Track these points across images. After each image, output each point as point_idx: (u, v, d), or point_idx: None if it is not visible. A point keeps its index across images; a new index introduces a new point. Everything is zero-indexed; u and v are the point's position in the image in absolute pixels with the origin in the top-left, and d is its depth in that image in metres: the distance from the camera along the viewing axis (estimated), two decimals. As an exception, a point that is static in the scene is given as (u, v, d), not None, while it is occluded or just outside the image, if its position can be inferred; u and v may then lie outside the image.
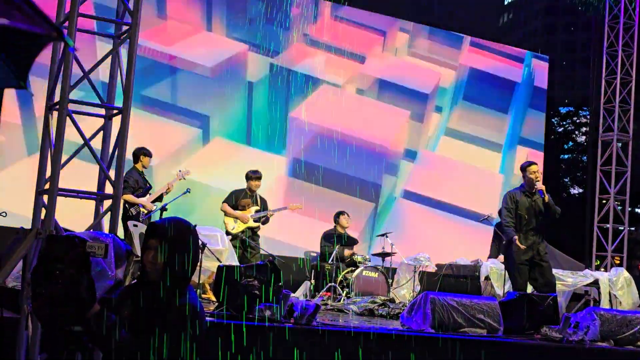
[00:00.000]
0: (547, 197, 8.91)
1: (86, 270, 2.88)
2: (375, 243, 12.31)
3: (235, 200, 10.79)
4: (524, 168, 9.21)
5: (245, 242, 10.54)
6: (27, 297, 4.56)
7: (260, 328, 6.00)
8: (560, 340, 7.24)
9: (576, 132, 53.49)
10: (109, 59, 5.89)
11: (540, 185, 8.99)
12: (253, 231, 10.77)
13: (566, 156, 52.56)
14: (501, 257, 11.86)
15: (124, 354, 3.04)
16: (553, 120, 50.50)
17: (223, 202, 10.84)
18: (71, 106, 5.38)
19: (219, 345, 5.57)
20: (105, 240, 4.34)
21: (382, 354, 6.35)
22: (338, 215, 12.10)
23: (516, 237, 8.76)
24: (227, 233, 10.51)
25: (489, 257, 11.94)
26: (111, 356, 3.17)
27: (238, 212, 10.69)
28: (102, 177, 5.72)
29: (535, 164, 9.31)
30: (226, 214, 10.77)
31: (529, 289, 9.00)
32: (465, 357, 6.70)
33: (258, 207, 10.80)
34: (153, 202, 10.04)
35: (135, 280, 3.45)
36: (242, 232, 10.57)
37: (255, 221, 10.72)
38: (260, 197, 11.00)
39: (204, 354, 3.26)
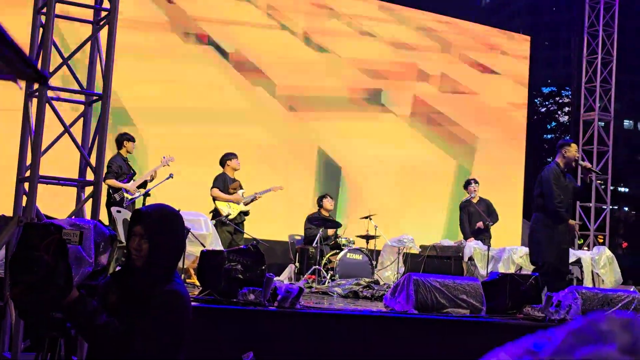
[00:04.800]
0: (589, 179, 8.77)
1: (63, 257, 2.89)
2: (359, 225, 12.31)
3: (224, 184, 10.76)
4: (564, 145, 8.76)
5: (238, 225, 10.58)
6: (8, 285, 4.57)
7: (244, 312, 6.03)
8: (542, 319, 7.30)
9: (559, 112, 53.76)
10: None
11: (586, 164, 8.71)
12: (245, 214, 10.81)
13: (549, 136, 52.83)
14: (471, 239, 11.96)
15: (108, 340, 3.05)
16: (535, 100, 50.70)
17: (213, 187, 10.79)
18: (51, 93, 5.37)
19: (203, 329, 5.60)
20: (86, 226, 4.33)
21: (365, 336, 6.40)
22: (321, 198, 12.13)
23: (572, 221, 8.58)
24: (222, 220, 10.49)
25: (466, 238, 12.02)
26: (94, 342, 3.18)
27: (231, 196, 10.69)
28: (83, 164, 5.71)
29: (575, 143, 8.96)
30: (219, 199, 10.75)
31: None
32: (448, 338, 6.76)
33: (244, 190, 10.82)
34: (137, 188, 10.01)
35: (120, 267, 3.46)
36: (234, 217, 10.59)
37: (245, 204, 10.74)
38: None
39: (189, 340, 3.28)
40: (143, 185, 10.10)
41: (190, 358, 3.38)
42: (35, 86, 5.40)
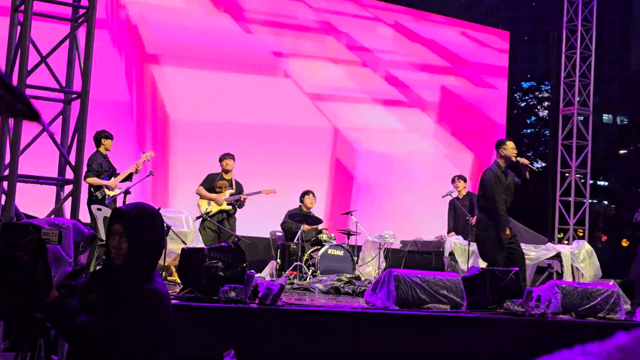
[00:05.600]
0: (527, 175, 8.75)
1: (42, 256, 2.87)
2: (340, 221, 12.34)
3: (211, 183, 10.77)
4: (501, 144, 8.92)
5: (221, 223, 10.56)
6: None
7: (225, 309, 6.03)
8: (522, 314, 7.34)
9: (538, 107, 54.01)
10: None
11: (524, 160, 8.78)
12: (228, 214, 10.78)
13: (529, 131, 53.10)
14: (452, 234, 12.03)
15: (87, 340, 3.03)
16: (515, 95, 50.91)
17: (199, 185, 10.84)
18: (29, 91, 5.34)
19: (184, 327, 5.59)
20: (65, 225, 4.31)
21: (347, 332, 6.41)
22: (303, 195, 12.13)
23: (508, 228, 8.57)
24: (202, 217, 10.50)
25: (448, 232, 12.10)
26: (74, 342, 3.17)
27: (212, 195, 10.69)
28: (63, 163, 5.68)
29: (512, 140, 9.06)
30: (201, 196, 10.76)
31: None
32: (428, 333, 6.79)
33: (233, 191, 10.80)
34: (123, 181, 9.95)
35: (101, 266, 3.44)
36: (213, 215, 10.56)
37: (229, 204, 10.71)
38: (236, 181, 10.99)
39: (170, 339, 3.27)
40: (128, 178, 10.04)
41: (171, 356, 3.38)
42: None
